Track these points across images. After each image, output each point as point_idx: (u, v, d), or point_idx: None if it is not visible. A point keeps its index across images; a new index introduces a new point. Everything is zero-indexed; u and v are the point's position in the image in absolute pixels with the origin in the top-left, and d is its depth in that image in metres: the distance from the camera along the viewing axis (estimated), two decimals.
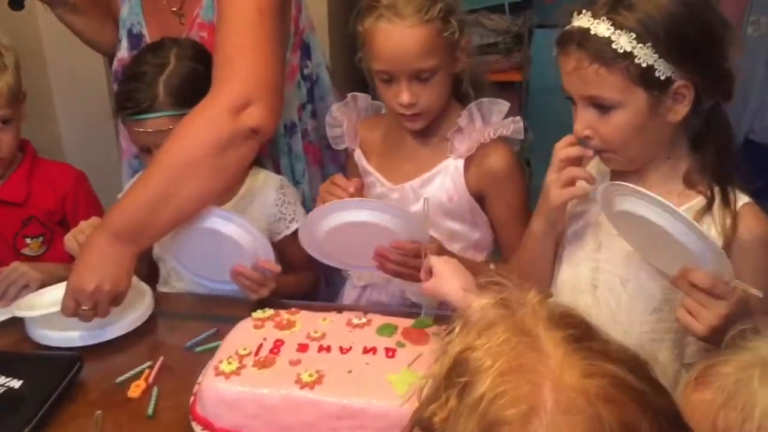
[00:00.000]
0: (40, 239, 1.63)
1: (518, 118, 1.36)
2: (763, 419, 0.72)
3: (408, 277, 1.32)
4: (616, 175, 1.19)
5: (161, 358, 1.26)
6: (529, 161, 3.41)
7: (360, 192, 1.34)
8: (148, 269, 1.55)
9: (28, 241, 1.63)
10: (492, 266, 1.38)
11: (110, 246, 1.26)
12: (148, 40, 1.55)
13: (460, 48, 1.33)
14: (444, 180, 1.39)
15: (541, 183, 1.30)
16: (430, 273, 1.16)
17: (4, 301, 1.40)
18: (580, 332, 0.62)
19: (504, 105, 1.37)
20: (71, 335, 1.30)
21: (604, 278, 1.18)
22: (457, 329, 0.66)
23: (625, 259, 1.15)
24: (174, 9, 1.54)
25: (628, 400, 0.58)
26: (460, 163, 1.37)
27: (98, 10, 1.69)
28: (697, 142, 1.13)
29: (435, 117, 1.37)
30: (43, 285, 1.41)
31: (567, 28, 1.09)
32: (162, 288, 1.54)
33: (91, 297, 1.25)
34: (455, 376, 0.61)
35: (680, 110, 1.08)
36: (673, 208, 1.00)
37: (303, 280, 1.52)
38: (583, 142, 1.12)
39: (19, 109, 1.58)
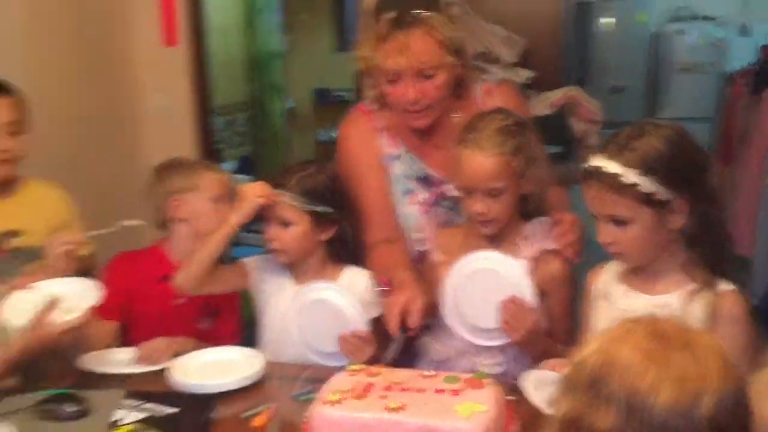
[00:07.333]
0: None
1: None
2: None
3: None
4: (632, 270, 1.58)
5: (275, 405, 1.63)
6: None
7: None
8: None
9: None
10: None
11: None
12: (433, 174, 1.98)
13: (525, 177, 1.76)
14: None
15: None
16: None
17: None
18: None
19: None
20: (205, 383, 1.72)
21: None
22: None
23: None
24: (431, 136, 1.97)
25: None
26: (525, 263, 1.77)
27: None
28: (693, 240, 1.50)
29: (502, 225, 1.77)
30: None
31: (585, 166, 1.50)
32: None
33: None
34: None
35: (678, 220, 1.47)
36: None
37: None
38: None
39: None
